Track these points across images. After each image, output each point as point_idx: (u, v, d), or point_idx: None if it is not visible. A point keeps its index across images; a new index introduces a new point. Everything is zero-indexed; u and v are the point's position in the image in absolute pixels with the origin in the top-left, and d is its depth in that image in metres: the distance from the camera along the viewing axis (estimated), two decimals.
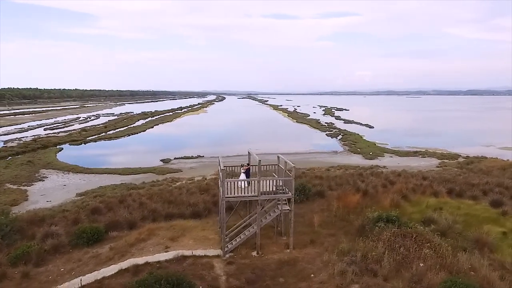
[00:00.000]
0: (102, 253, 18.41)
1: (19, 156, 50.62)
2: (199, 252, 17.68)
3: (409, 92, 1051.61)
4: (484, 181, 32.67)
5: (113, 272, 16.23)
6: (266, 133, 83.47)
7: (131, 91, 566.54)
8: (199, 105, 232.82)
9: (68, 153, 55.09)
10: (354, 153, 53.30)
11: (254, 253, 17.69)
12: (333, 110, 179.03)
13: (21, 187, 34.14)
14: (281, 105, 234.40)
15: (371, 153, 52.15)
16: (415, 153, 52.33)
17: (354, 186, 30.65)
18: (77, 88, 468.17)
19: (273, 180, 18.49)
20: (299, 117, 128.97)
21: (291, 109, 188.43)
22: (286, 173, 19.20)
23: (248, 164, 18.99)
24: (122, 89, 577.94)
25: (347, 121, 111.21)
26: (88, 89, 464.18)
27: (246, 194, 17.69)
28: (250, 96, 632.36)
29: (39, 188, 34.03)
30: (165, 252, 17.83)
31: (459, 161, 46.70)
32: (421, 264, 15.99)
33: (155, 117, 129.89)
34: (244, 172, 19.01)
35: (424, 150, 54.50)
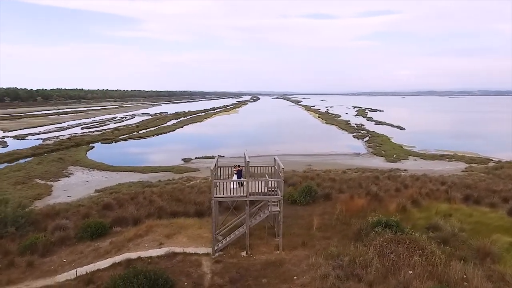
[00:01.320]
0: (102, 247, 19.41)
1: (53, 153, 53.98)
2: (190, 249, 18.18)
3: (452, 92, 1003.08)
4: (508, 187, 30.81)
5: (107, 265, 17.12)
6: (292, 134, 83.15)
7: (169, 91, 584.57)
8: (232, 106, 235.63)
9: (97, 151, 58.02)
10: (377, 156, 51.91)
11: (244, 253, 17.91)
12: (366, 111, 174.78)
13: (48, 182, 36.49)
14: (314, 106, 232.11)
15: (394, 155, 50.56)
16: (441, 157, 50.09)
17: (366, 189, 30.06)
18: (119, 88, 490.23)
19: (263, 182, 18.56)
20: (329, 118, 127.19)
21: (323, 109, 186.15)
22: (278, 175, 19.24)
23: (239, 166, 19.23)
24: (161, 90, 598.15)
25: (378, 123, 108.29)
26: (129, 90, 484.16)
27: (236, 195, 17.93)
28: (285, 96, 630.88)
29: (63, 184, 36.21)
30: (158, 248, 18.50)
31: (488, 166, 44.17)
32: (410, 272, 15.47)
33: (187, 117, 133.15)
34: (236, 173, 19.28)
35: (452, 154, 52.02)
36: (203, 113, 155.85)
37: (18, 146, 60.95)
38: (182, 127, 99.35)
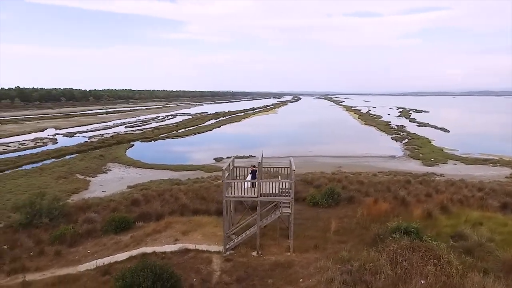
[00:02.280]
0: (123, 241, 20.46)
1: (96, 150, 57.35)
2: (202, 247, 18.65)
3: (507, 92, 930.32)
4: None
5: (124, 258, 18.03)
6: (328, 135, 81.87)
7: (212, 92, 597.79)
8: (272, 106, 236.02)
9: (136, 149, 60.81)
10: (413, 159, 49.73)
11: (254, 253, 18.08)
12: (410, 112, 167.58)
13: (87, 178, 38.90)
14: (355, 106, 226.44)
15: (432, 159, 48.14)
16: (484, 161, 46.84)
17: (393, 193, 29.03)
18: (165, 89, 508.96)
19: (276, 183, 18.56)
20: (369, 119, 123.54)
21: (364, 110, 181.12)
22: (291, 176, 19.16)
23: (254, 166, 19.37)
24: (204, 90, 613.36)
25: (421, 124, 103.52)
26: (174, 90, 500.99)
27: (247, 195, 18.12)
28: (327, 97, 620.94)
29: (100, 180, 38.42)
30: (173, 244, 19.17)
31: None
32: (422, 281, 14.82)
33: (226, 117, 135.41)
34: (250, 173, 19.47)
35: (497, 159, 48.50)
36: (242, 113, 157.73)
37: (66, 143, 65.40)
38: (220, 126, 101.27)
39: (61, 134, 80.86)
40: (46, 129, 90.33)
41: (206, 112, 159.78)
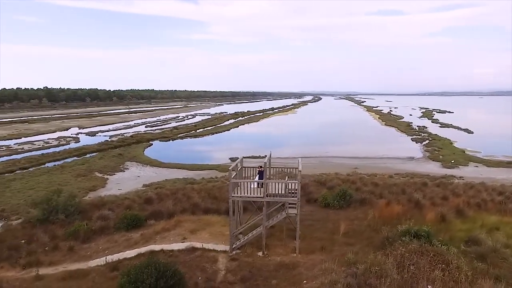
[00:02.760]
0: (134, 238, 20.90)
1: (116, 149, 58.72)
2: (209, 245, 18.84)
3: None
4: None
5: (133, 255, 18.44)
6: (346, 135, 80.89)
7: (233, 92, 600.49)
8: (291, 106, 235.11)
9: (154, 149, 61.91)
10: (433, 161, 48.41)
11: (260, 253, 18.11)
12: (433, 112, 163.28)
13: (105, 176, 39.91)
14: (376, 107, 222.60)
15: (452, 161, 46.72)
16: (508, 164, 44.98)
17: (408, 196, 28.43)
18: (186, 89, 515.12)
19: (282, 183, 18.52)
20: (390, 119, 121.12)
21: (386, 110, 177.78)
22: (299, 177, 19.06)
23: (261, 166, 19.39)
24: (225, 90, 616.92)
25: (443, 125, 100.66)
26: (195, 90, 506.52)
27: (253, 195, 18.17)
28: (348, 97, 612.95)
29: (117, 178, 39.34)
30: (181, 242, 19.45)
31: None
32: (429, 286, 14.49)
33: (245, 117, 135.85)
34: (258, 174, 19.52)
35: None
36: (261, 113, 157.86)
37: (88, 142, 67.34)
38: (238, 126, 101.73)
39: (83, 133, 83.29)
40: (70, 128, 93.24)
41: (225, 112, 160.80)
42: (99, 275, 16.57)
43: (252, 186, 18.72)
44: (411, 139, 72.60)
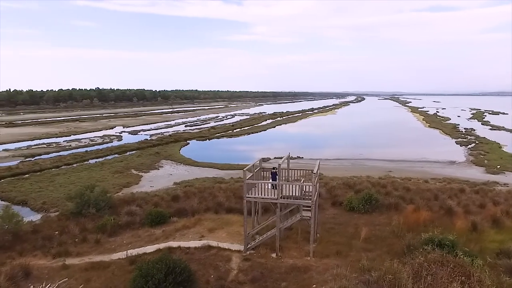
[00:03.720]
0: (155, 234, 21.69)
1: (154, 147, 61.05)
2: (225, 245, 19.10)
3: None
4: None
5: (152, 250, 19.14)
6: (384, 137, 78.06)
7: (274, 92, 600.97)
8: (332, 107, 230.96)
9: (190, 148, 63.57)
10: (476, 165, 45.35)
11: (274, 255, 18.08)
12: (485, 114, 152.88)
13: (140, 173, 41.66)
14: (422, 108, 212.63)
15: (498, 166, 43.49)
16: None
17: (440, 202, 26.98)
18: (229, 89, 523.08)
19: (297, 185, 18.33)
20: (435, 121, 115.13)
21: (432, 112, 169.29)
22: (316, 180, 18.77)
23: (274, 168, 19.33)
24: (266, 91, 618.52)
25: (494, 127, 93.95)
26: (237, 91, 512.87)
27: (267, 196, 18.16)
28: (393, 97, 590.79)
29: (151, 175, 40.89)
30: (198, 240, 19.91)
31: None
32: None
33: (284, 117, 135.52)
34: (271, 175, 19.50)
35: None
36: (299, 114, 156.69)
37: (129, 140, 70.60)
38: (274, 127, 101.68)
39: (126, 132, 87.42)
40: (115, 127, 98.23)
41: (264, 113, 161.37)
42: (118, 267, 17.40)
43: (267, 187, 18.74)
44: (455, 142, 68.56)
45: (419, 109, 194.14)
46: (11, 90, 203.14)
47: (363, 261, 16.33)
